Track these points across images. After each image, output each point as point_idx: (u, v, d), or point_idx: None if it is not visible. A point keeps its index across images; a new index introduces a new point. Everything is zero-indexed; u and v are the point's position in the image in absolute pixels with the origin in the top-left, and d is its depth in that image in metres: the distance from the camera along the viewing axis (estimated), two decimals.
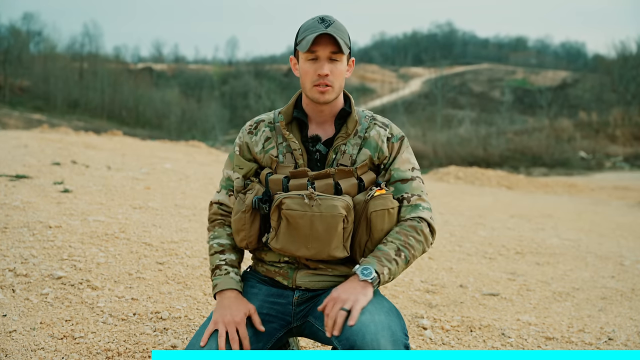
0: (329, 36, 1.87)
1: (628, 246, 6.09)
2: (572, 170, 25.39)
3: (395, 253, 1.85)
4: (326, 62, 1.90)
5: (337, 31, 1.89)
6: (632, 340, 3.03)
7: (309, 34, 1.89)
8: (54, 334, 2.47)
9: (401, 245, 1.87)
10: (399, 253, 1.86)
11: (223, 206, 2.10)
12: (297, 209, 1.86)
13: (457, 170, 15.61)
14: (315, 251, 1.89)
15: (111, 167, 7.46)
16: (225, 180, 2.10)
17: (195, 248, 3.93)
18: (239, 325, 1.83)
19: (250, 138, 2.05)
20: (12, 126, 29.47)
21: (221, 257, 2.01)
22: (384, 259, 1.83)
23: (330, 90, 1.92)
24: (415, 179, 1.98)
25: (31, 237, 3.65)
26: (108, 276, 3.17)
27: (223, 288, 1.94)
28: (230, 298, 1.92)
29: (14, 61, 49.08)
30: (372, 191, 1.91)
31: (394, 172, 1.98)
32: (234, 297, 1.92)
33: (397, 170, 1.98)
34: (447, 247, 5.25)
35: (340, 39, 1.88)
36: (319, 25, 1.89)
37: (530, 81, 59.73)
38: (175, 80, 60.63)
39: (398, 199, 1.96)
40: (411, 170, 1.99)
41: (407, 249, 1.88)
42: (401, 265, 1.87)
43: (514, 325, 3.13)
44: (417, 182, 1.98)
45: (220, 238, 2.05)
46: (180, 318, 2.77)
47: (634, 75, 39.42)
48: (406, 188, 1.96)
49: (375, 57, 77.55)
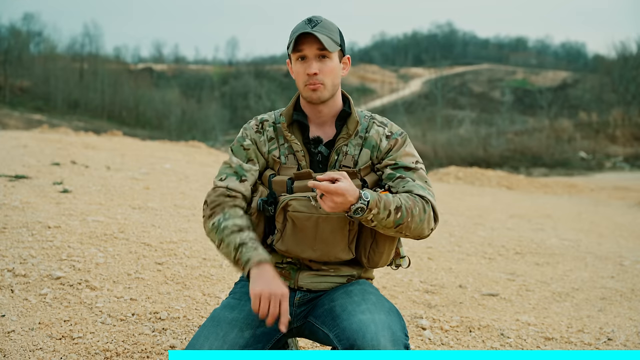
0: (313, 35, 1.88)
1: (628, 246, 6.09)
2: (572, 171, 25.41)
3: (395, 209, 1.80)
4: (314, 60, 1.89)
5: (323, 30, 1.89)
6: (631, 340, 3.02)
7: (295, 35, 1.90)
8: (53, 334, 2.47)
9: (405, 207, 1.82)
10: (398, 210, 1.81)
11: (233, 192, 1.95)
12: (304, 211, 1.86)
13: (457, 171, 15.62)
14: (321, 253, 1.89)
15: (110, 168, 7.46)
16: (237, 167, 1.97)
17: (194, 248, 3.93)
18: (283, 298, 1.75)
19: (259, 137, 2.02)
20: (12, 126, 29.48)
21: (242, 235, 1.86)
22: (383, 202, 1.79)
23: (321, 87, 1.91)
24: (419, 169, 1.96)
25: (30, 237, 3.64)
26: (107, 276, 3.17)
27: (261, 260, 1.81)
28: (271, 271, 1.80)
29: (14, 61, 49.12)
30: (376, 192, 1.90)
31: (398, 162, 1.95)
32: (274, 271, 1.81)
33: (400, 161, 1.96)
34: (446, 247, 5.25)
35: (325, 36, 1.88)
36: (306, 26, 1.89)
37: (531, 81, 59.77)
38: (175, 80, 60.67)
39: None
40: (415, 163, 1.97)
41: (407, 213, 1.82)
42: (389, 221, 1.80)
43: (513, 326, 3.12)
44: (421, 172, 1.96)
45: (236, 218, 1.89)
46: (179, 318, 2.77)
47: (634, 75, 39.44)
48: (410, 174, 1.94)
49: (376, 57, 77.54)
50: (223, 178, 1.98)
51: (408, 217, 1.82)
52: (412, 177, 1.93)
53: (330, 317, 1.84)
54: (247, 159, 1.99)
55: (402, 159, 1.96)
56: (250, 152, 2.00)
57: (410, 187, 1.90)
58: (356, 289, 1.91)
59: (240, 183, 1.96)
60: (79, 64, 55.54)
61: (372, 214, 1.77)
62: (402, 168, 1.94)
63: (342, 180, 1.73)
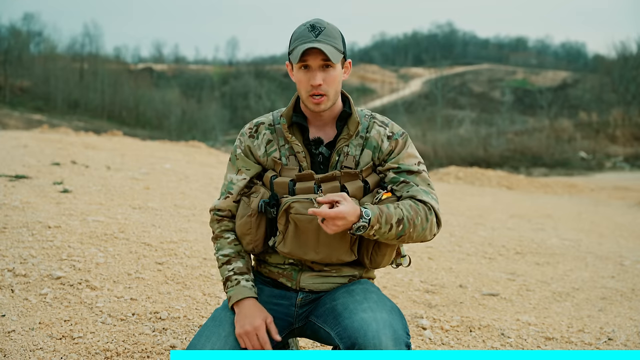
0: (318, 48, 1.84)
1: (628, 246, 6.08)
2: (573, 171, 25.41)
3: (397, 222, 1.81)
4: (318, 71, 1.87)
5: (328, 39, 1.86)
6: (631, 340, 3.02)
7: (299, 44, 1.87)
8: (53, 334, 2.46)
9: (407, 219, 1.83)
10: (399, 223, 1.82)
11: (220, 212, 2.04)
12: (306, 214, 1.85)
13: (457, 171, 15.61)
14: (323, 255, 1.90)
15: (111, 168, 7.46)
16: (227, 185, 2.04)
17: (194, 248, 3.93)
18: (258, 331, 1.85)
19: (252, 142, 2.02)
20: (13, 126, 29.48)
21: (228, 268, 1.98)
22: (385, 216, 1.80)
23: (325, 99, 1.90)
24: (422, 172, 1.96)
25: (30, 237, 3.64)
26: (107, 276, 3.17)
27: (238, 299, 1.91)
28: (247, 307, 1.90)
29: (14, 61, 49.12)
30: (379, 194, 1.90)
31: (401, 165, 1.95)
32: (250, 305, 1.91)
33: (403, 164, 1.95)
34: (446, 247, 5.25)
35: (330, 46, 1.85)
36: (309, 34, 1.86)
37: (531, 81, 59.76)
38: (175, 80, 60.67)
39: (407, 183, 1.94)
40: (417, 165, 1.97)
41: (409, 224, 1.83)
42: (391, 234, 1.82)
43: (513, 326, 3.12)
44: (424, 174, 1.96)
45: (224, 249, 2.01)
46: (179, 318, 2.77)
47: (634, 75, 39.43)
48: (413, 178, 1.94)
49: (376, 57, 77.52)
50: (219, 198, 2.07)
51: (410, 228, 1.84)
52: (415, 182, 1.93)
53: (331, 316, 1.84)
54: (237, 169, 2.03)
55: (404, 162, 1.95)
56: (239, 162, 2.03)
57: (414, 193, 1.90)
58: (358, 288, 1.91)
59: (225, 200, 2.04)
60: (79, 64, 55.53)
61: (374, 229, 1.79)
62: (405, 172, 1.94)
63: (342, 202, 1.75)
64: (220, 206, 2.04)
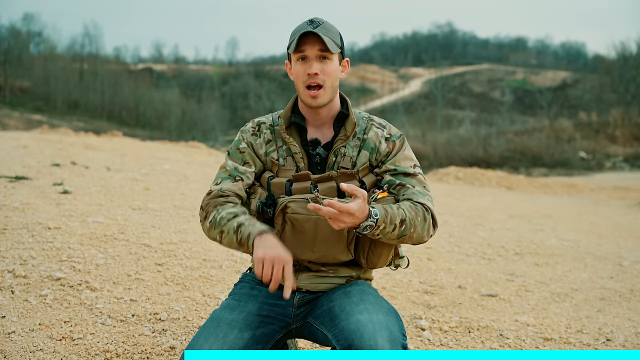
0: (315, 35, 1.88)
1: (627, 247, 6.09)
2: (572, 171, 25.42)
3: (400, 222, 1.83)
4: (315, 61, 1.90)
5: (325, 31, 1.90)
6: (630, 340, 3.03)
7: (296, 34, 1.91)
8: (53, 335, 2.47)
9: (409, 219, 1.84)
10: (402, 223, 1.83)
11: (226, 192, 1.96)
12: (303, 213, 1.86)
13: (457, 171, 15.61)
14: (320, 254, 1.91)
15: (110, 168, 7.47)
16: (231, 171, 1.98)
17: (194, 249, 3.93)
18: (287, 264, 1.74)
19: (254, 139, 2.03)
20: (12, 127, 29.49)
21: (239, 219, 1.86)
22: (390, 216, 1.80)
23: (321, 93, 1.92)
24: (418, 174, 1.98)
25: (30, 238, 3.65)
26: (107, 277, 3.18)
27: (262, 230, 1.80)
28: (273, 239, 1.79)
29: (14, 62, 49.14)
30: (375, 194, 1.92)
31: (397, 167, 1.97)
32: (276, 240, 1.80)
33: (399, 166, 1.97)
34: (446, 247, 5.26)
35: (327, 37, 1.89)
36: (307, 27, 1.90)
37: (531, 81, 59.78)
38: (175, 80, 60.70)
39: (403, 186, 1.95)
40: (413, 167, 1.99)
41: (410, 224, 1.85)
42: (393, 234, 1.83)
43: (512, 326, 3.13)
44: (420, 177, 1.98)
45: (229, 208, 1.90)
46: (179, 319, 2.77)
47: (634, 75, 39.44)
48: (410, 180, 1.96)
49: (375, 57, 77.57)
50: (218, 182, 1.99)
51: (411, 228, 1.85)
52: (412, 184, 1.95)
53: (328, 318, 1.85)
54: (243, 161, 2.01)
55: (400, 164, 1.97)
56: (245, 155, 2.01)
57: (411, 195, 1.92)
58: (355, 290, 1.92)
59: (234, 183, 1.97)
60: (79, 64, 55.55)
61: (380, 229, 1.79)
62: (402, 174, 1.96)
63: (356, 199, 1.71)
64: (226, 188, 1.96)
